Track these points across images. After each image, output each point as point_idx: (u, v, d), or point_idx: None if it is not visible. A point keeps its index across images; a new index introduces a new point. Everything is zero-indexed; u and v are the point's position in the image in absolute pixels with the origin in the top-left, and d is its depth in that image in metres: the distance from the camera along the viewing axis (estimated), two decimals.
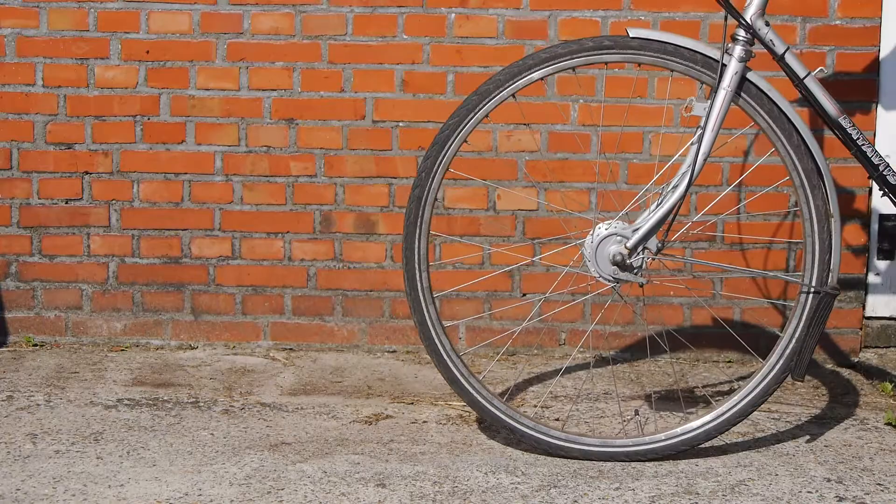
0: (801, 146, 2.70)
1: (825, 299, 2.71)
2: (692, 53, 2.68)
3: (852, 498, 2.55)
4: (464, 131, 2.72)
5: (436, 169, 2.73)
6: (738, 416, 2.76)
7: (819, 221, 2.71)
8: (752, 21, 2.67)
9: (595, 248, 2.71)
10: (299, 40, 3.56)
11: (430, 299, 2.76)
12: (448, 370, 2.76)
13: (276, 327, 3.64)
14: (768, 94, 2.69)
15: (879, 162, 2.74)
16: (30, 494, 2.49)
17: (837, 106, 2.72)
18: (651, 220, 2.69)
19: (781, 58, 2.69)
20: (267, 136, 3.59)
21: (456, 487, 2.57)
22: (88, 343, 3.65)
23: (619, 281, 2.71)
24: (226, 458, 2.73)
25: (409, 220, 2.74)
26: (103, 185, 3.61)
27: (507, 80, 2.70)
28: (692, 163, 2.67)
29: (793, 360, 2.73)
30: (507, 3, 3.52)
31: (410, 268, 2.75)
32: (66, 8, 3.55)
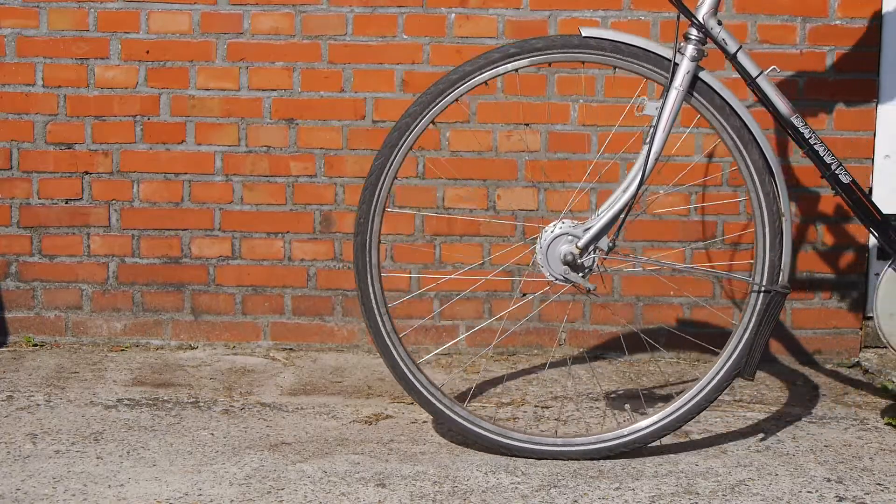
0: (753, 145, 2.69)
1: (775, 298, 2.71)
2: (644, 53, 2.68)
3: (852, 498, 2.55)
4: (415, 131, 2.71)
5: (385, 175, 2.73)
6: (689, 415, 2.75)
7: (770, 220, 2.71)
8: (704, 20, 2.66)
9: (546, 249, 2.71)
10: (299, 40, 3.56)
11: (383, 301, 2.77)
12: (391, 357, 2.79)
13: (276, 327, 3.64)
14: (720, 94, 2.68)
15: (832, 161, 2.74)
16: (30, 494, 2.49)
17: (790, 105, 2.72)
18: (602, 219, 2.68)
19: (734, 57, 2.69)
20: (267, 136, 3.59)
21: (456, 487, 2.57)
22: (88, 343, 3.65)
23: (570, 281, 2.71)
24: (226, 458, 2.73)
25: (360, 224, 2.74)
26: (103, 185, 3.61)
27: (457, 81, 2.69)
28: (643, 162, 2.67)
29: (743, 358, 2.73)
30: (507, 3, 3.52)
31: (362, 272, 2.76)
32: (66, 8, 3.55)
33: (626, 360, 3.57)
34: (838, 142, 3.54)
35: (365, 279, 2.76)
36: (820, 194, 3.56)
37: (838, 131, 3.54)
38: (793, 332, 3.60)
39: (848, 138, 3.54)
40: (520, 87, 3.50)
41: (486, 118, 3.54)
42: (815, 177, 3.55)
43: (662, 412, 2.76)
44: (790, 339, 3.61)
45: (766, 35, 3.51)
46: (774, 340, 3.60)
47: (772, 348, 3.60)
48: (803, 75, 3.53)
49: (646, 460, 2.75)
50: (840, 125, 3.54)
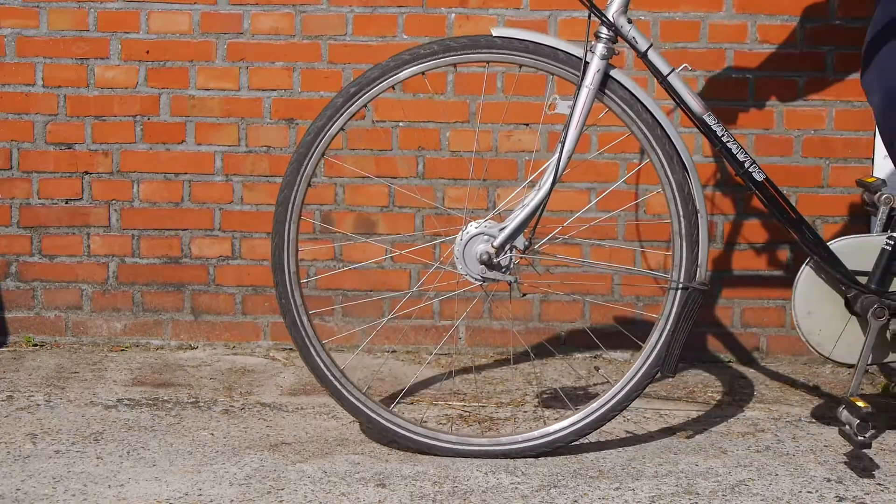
0: (665, 141, 2.70)
1: (693, 295, 2.71)
2: (555, 51, 2.68)
3: (852, 498, 2.55)
4: (330, 132, 2.71)
5: (297, 184, 2.73)
6: (611, 413, 2.76)
7: (685, 217, 2.71)
8: (614, 18, 2.67)
9: (463, 247, 2.72)
10: (299, 40, 3.56)
11: (306, 312, 2.78)
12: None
13: (276, 327, 3.64)
14: (632, 91, 2.69)
15: (745, 159, 2.74)
16: (30, 494, 2.49)
17: (702, 103, 2.72)
18: (517, 218, 2.69)
19: (645, 55, 2.69)
20: (267, 136, 3.59)
21: (456, 487, 2.57)
22: (88, 343, 3.65)
23: (487, 280, 2.71)
24: (226, 458, 2.73)
25: (276, 240, 2.74)
26: (103, 185, 3.61)
27: (369, 83, 2.70)
28: (556, 161, 2.67)
29: (662, 355, 2.73)
30: (507, 3, 3.53)
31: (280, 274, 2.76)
32: (66, 8, 3.55)
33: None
34: (838, 142, 3.54)
35: (287, 297, 2.77)
36: (819, 195, 3.56)
37: (838, 131, 3.54)
38: (793, 331, 3.60)
39: (848, 138, 3.54)
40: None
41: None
42: (811, 177, 3.56)
43: (584, 411, 2.76)
44: (789, 339, 3.61)
45: (766, 35, 3.51)
46: (774, 340, 3.60)
47: (772, 348, 3.61)
48: (803, 75, 3.53)
49: (646, 460, 2.76)
50: (840, 125, 3.54)
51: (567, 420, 2.77)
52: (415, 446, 2.77)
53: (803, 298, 2.83)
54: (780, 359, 3.61)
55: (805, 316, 2.83)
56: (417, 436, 2.76)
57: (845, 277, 2.78)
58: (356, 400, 2.78)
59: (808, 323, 2.83)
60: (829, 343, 2.83)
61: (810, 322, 2.83)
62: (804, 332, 2.83)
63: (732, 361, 3.60)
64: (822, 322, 2.83)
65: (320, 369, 2.78)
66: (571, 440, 2.76)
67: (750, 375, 3.47)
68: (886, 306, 2.75)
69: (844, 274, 2.78)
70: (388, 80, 2.70)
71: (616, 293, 3.59)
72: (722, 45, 3.52)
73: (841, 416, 2.68)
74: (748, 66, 3.52)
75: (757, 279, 3.58)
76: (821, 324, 2.83)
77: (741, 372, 3.51)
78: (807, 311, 2.83)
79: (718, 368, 3.53)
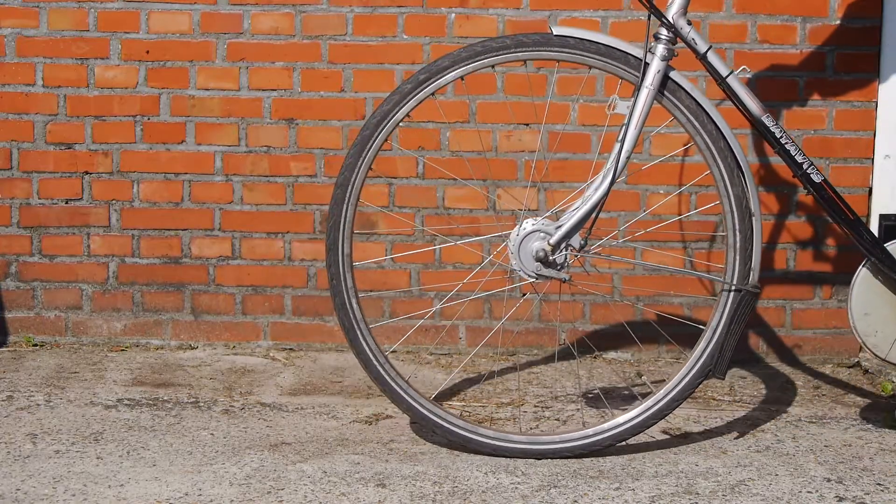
0: (722, 143, 2.70)
1: (746, 297, 2.71)
2: (616, 52, 2.68)
3: (852, 498, 2.55)
4: (395, 117, 2.71)
5: (358, 167, 2.73)
6: (660, 414, 2.75)
7: (740, 219, 2.71)
8: (674, 20, 2.67)
9: (519, 245, 2.71)
10: (299, 40, 3.56)
11: (356, 296, 2.77)
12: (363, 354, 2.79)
13: (276, 327, 3.64)
14: (690, 93, 2.69)
15: (803, 160, 2.74)
16: (30, 494, 2.49)
17: (760, 105, 2.72)
18: (574, 217, 2.69)
19: (704, 56, 2.69)
20: (267, 136, 3.59)
21: (456, 487, 2.57)
22: (88, 343, 3.65)
23: (542, 277, 2.71)
24: (226, 458, 2.73)
25: (333, 221, 2.74)
26: (103, 185, 3.61)
27: (426, 80, 2.70)
28: (615, 160, 2.67)
29: (714, 357, 2.73)
30: (508, 3, 3.52)
31: (335, 269, 2.75)
32: (66, 8, 3.55)
33: (627, 359, 3.57)
34: (838, 142, 3.54)
35: (339, 278, 2.76)
36: None
37: (838, 131, 3.54)
38: (792, 332, 3.60)
39: (848, 138, 3.54)
40: (505, 85, 3.51)
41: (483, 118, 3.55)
42: None
43: (629, 414, 2.76)
44: (790, 339, 3.61)
45: (766, 35, 3.51)
46: (775, 340, 3.60)
47: (772, 348, 3.61)
48: (803, 75, 3.53)
49: (646, 460, 2.76)
50: (840, 125, 3.54)
51: (611, 422, 2.76)
52: (455, 439, 2.76)
53: (859, 299, 2.82)
54: (779, 359, 3.61)
55: (862, 317, 2.82)
56: (458, 429, 2.75)
57: None
58: (399, 388, 2.77)
59: (865, 324, 2.82)
60: (885, 345, 2.83)
61: (866, 323, 2.82)
62: (861, 333, 2.83)
63: (732, 361, 3.59)
64: (878, 323, 2.82)
65: (365, 353, 2.76)
66: (611, 443, 2.75)
67: (750, 375, 3.47)
68: None
69: None
70: (458, 70, 2.69)
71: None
72: (722, 45, 3.52)
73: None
74: (748, 66, 3.52)
75: (759, 279, 3.57)
76: (877, 325, 2.82)
77: (741, 372, 3.51)
78: (864, 313, 2.82)
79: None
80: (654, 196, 3.56)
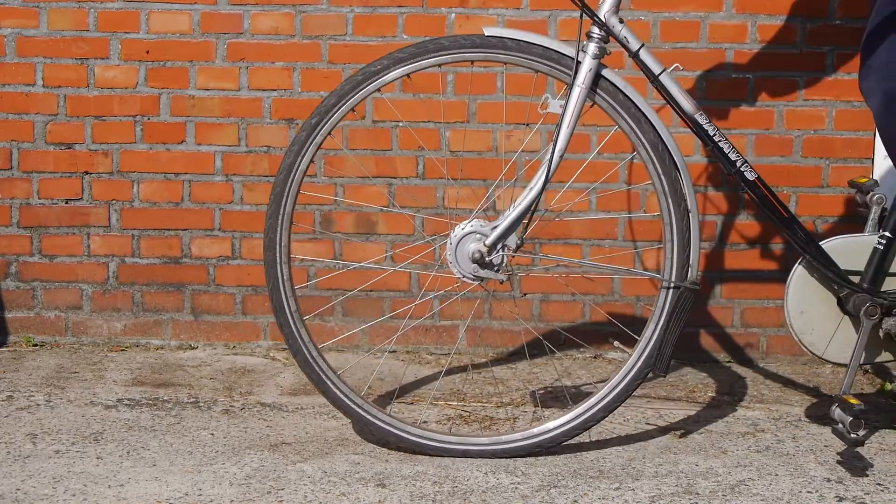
0: (657, 141, 2.70)
1: (685, 294, 2.71)
2: (548, 51, 2.68)
3: (852, 498, 2.55)
4: (322, 132, 2.73)
5: (290, 182, 2.75)
6: (603, 413, 2.76)
7: (676, 217, 2.71)
8: (605, 18, 2.67)
9: (455, 247, 2.72)
10: (299, 40, 3.56)
11: (292, 293, 2.77)
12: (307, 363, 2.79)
13: (276, 327, 3.64)
14: (624, 91, 2.69)
15: (736, 158, 2.74)
16: (30, 494, 2.49)
17: (693, 102, 2.72)
18: (509, 217, 2.69)
19: (636, 55, 2.69)
20: (267, 136, 3.59)
21: (456, 487, 2.57)
22: (88, 343, 3.65)
23: (479, 279, 2.71)
24: (226, 457, 2.73)
25: (271, 214, 2.75)
26: (103, 185, 3.61)
27: (364, 81, 2.70)
28: (549, 159, 2.67)
29: (654, 355, 2.73)
30: (507, 3, 3.53)
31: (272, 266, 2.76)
32: (66, 8, 3.55)
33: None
34: (838, 142, 3.54)
35: (279, 294, 2.77)
36: (819, 195, 3.56)
37: (838, 131, 3.54)
38: None
39: (848, 138, 3.54)
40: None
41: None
42: (811, 177, 3.56)
43: (577, 410, 2.76)
44: (789, 339, 3.60)
45: (766, 35, 3.51)
46: (774, 340, 3.60)
47: (772, 348, 3.61)
48: (803, 75, 3.53)
49: (646, 460, 2.76)
50: (840, 125, 3.54)
51: (561, 419, 2.76)
52: (409, 447, 2.76)
53: (796, 297, 2.83)
54: (779, 359, 3.61)
55: (798, 315, 2.83)
56: (412, 436, 2.76)
57: (837, 276, 2.78)
58: (346, 398, 2.78)
59: (801, 322, 2.83)
60: (823, 342, 2.83)
61: (803, 321, 2.83)
62: (797, 331, 2.83)
63: (732, 361, 3.60)
64: (814, 321, 2.83)
65: (305, 356, 2.77)
66: (563, 439, 2.76)
67: (750, 375, 3.47)
68: (879, 305, 2.76)
69: (837, 273, 2.78)
70: (374, 84, 2.70)
71: (616, 293, 3.59)
72: (722, 45, 3.52)
73: (834, 414, 2.68)
74: (748, 66, 3.52)
75: (757, 279, 3.58)
76: (814, 323, 2.83)
77: (741, 372, 3.51)
78: (799, 311, 2.83)
79: (718, 368, 3.53)
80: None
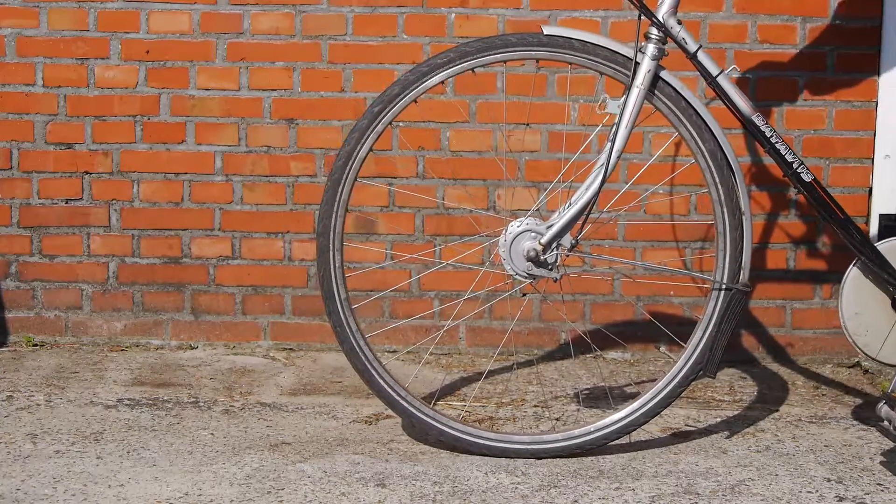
0: (712, 143, 2.69)
1: (736, 296, 2.71)
2: (608, 52, 2.68)
3: (852, 498, 2.55)
4: (389, 115, 2.72)
5: (349, 169, 2.74)
6: (650, 414, 2.76)
7: (730, 218, 2.71)
8: (664, 20, 2.67)
9: (510, 245, 2.71)
10: (299, 40, 3.56)
11: (342, 281, 2.77)
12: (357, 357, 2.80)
13: (276, 327, 3.64)
14: (681, 93, 2.69)
15: (793, 160, 2.74)
16: (30, 494, 2.49)
17: (751, 104, 2.71)
18: (564, 216, 2.69)
19: (694, 56, 2.69)
20: (267, 136, 3.59)
21: (456, 487, 2.57)
22: (88, 343, 3.65)
23: (533, 277, 2.71)
24: (226, 457, 2.73)
25: (327, 200, 2.77)
26: (103, 185, 3.61)
27: (415, 81, 2.70)
28: (606, 160, 2.67)
29: (705, 356, 2.73)
30: (508, 3, 3.52)
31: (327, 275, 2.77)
32: (66, 8, 3.55)
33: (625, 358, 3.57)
34: (838, 142, 3.54)
35: (330, 281, 2.77)
36: None
37: (838, 131, 3.54)
38: (793, 331, 3.60)
39: (848, 138, 3.54)
40: (507, 84, 3.51)
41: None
42: None
43: (624, 411, 2.76)
44: (790, 338, 3.61)
45: (766, 35, 3.51)
46: (775, 340, 3.60)
47: (772, 349, 3.61)
48: (803, 75, 3.53)
49: (646, 460, 2.76)
50: (840, 125, 3.54)
51: (606, 420, 2.76)
52: (452, 442, 2.77)
53: (850, 299, 2.82)
54: (779, 359, 3.61)
55: (852, 316, 2.82)
56: (456, 432, 2.76)
57: (893, 278, 2.77)
58: (395, 393, 2.79)
59: (855, 323, 2.82)
60: (876, 344, 2.83)
61: (857, 322, 2.82)
62: (851, 332, 2.83)
63: (732, 361, 3.60)
64: (869, 322, 2.82)
65: (360, 357, 2.78)
66: (604, 442, 2.75)
67: (750, 375, 3.47)
68: None
69: (892, 274, 2.77)
70: (439, 75, 2.69)
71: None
72: (722, 45, 3.52)
73: (881, 411, 2.68)
74: (748, 65, 3.52)
75: (757, 279, 3.58)
76: (868, 324, 2.82)
77: (741, 372, 3.51)
78: (854, 312, 2.82)
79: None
80: (652, 197, 3.55)
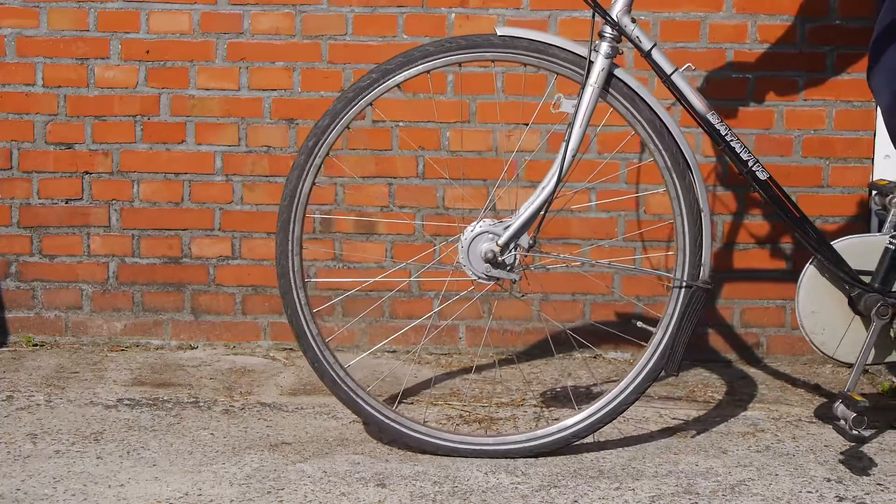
0: (670, 141, 2.69)
1: (696, 294, 2.71)
2: (561, 51, 2.68)
3: (852, 498, 2.55)
4: (333, 133, 2.74)
5: (309, 165, 2.77)
6: (615, 412, 2.76)
7: (689, 216, 2.71)
8: (618, 18, 2.67)
9: (468, 247, 2.72)
10: (299, 40, 3.56)
11: (311, 316, 2.79)
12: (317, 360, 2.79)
13: (276, 327, 3.64)
14: (636, 91, 2.69)
15: (748, 158, 2.74)
16: (30, 494, 2.49)
17: (705, 102, 2.72)
18: (521, 217, 2.69)
19: (648, 54, 2.69)
20: (267, 136, 3.59)
21: (456, 487, 2.57)
22: (88, 343, 3.65)
23: (492, 278, 2.71)
24: (226, 457, 2.73)
25: (283, 216, 2.78)
26: (103, 185, 3.61)
27: (369, 86, 2.71)
28: (561, 160, 2.67)
29: (666, 355, 2.73)
30: (507, 3, 3.52)
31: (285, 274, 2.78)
32: (66, 8, 3.55)
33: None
34: (838, 142, 3.54)
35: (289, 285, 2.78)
36: (819, 195, 3.56)
37: (838, 131, 3.54)
38: (793, 331, 3.60)
39: (848, 138, 3.54)
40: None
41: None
42: (811, 177, 3.56)
43: (587, 411, 2.76)
44: (790, 338, 3.61)
45: (766, 35, 3.51)
46: (774, 340, 3.60)
47: (772, 348, 3.61)
48: (803, 75, 3.53)
49: (646, 460, 2.76)
50: (840, 125, 3.54)
51: (570, 420, 2.76)
52: (416, 445, 2.77)
53: (807, 297, 2.83)
54: (780, 358, 3.61)
55: (808, 315, 2.83)
56: (420, 434, 2.76)
57: (849, 276, 2.78)
58: (357, 397, 2.78)
59: (812, 322, 2.83)
60: (833, 342, 2.83)
61: (814, 321, 2.83)
62: (807, 331, 2.83)
63: (732, 361, 3.60)
64: (825, 321, 2.83)
65: (321, 361, 2.77)
66: (572, 441, 2.76)
67: (750, 375, 3.48)
68: (890, 305, 2.76)
69: (848, 273, 2.78)
70: (391, 81, 2.70)
71: (617, 293, 3.59)
72: (722, 45, 3.52)
73: (837, 410, 2.68)
74: (748, 65, 3.52)
75: (757, 279, 3.58)
76: (824, 323, 2.83)
77: (741, 371, 3.51)
78: (810, 311, 2.83)
79: (718, 368, 3.53)
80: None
